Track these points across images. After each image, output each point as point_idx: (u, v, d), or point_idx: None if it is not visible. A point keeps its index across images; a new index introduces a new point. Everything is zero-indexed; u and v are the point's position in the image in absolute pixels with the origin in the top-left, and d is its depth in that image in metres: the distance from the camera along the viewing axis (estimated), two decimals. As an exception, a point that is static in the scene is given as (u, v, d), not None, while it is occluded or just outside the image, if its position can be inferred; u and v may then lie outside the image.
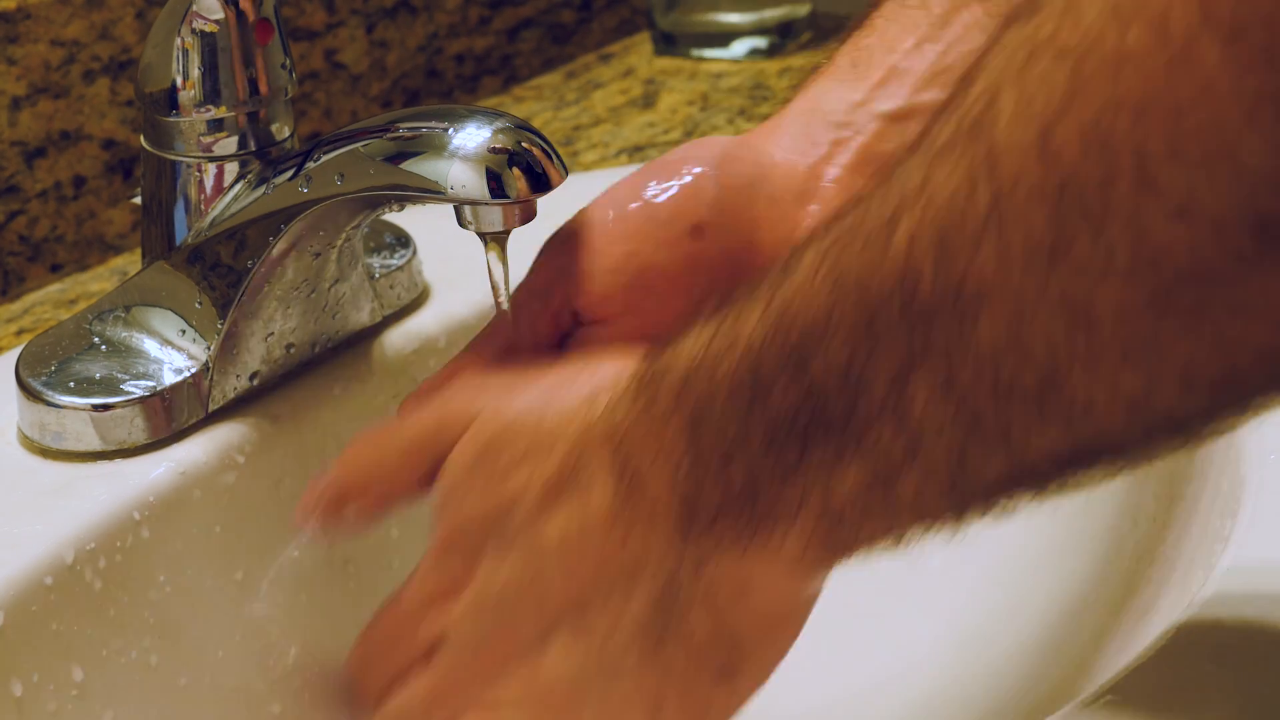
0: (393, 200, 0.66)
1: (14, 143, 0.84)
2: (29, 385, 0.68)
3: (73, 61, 0.85)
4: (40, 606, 0.63)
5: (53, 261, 0.86)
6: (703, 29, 1.08)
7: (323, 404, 0.72)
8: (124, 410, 0.67)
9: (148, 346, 0.70)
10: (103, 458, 0.67)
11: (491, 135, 0.62)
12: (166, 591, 0.67)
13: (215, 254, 0.68)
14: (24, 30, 0.84)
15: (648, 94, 1.03)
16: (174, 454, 0.68)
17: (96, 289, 0.84)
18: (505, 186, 0.62)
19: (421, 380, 0.74)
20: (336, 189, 0.65)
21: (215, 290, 0.68)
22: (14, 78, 0.84)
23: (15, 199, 0.85)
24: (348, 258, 0.72)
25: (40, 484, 0.67)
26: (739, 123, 0.98)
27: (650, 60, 1.08)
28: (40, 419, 0.68)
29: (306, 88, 0.95)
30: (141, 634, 0.66)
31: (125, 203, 0.88)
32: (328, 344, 0.73)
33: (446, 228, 0.65)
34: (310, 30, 0.95)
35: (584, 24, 1.09)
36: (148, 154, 0.70)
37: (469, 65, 1.03)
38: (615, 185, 0.63)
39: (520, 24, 1.06)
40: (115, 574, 0.65)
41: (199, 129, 0.68)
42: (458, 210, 0.63)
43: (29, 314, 0.83)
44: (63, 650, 0.63)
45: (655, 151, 0.95)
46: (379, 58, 0.98)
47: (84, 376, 0.68)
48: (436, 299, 0.77)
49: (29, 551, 0.63)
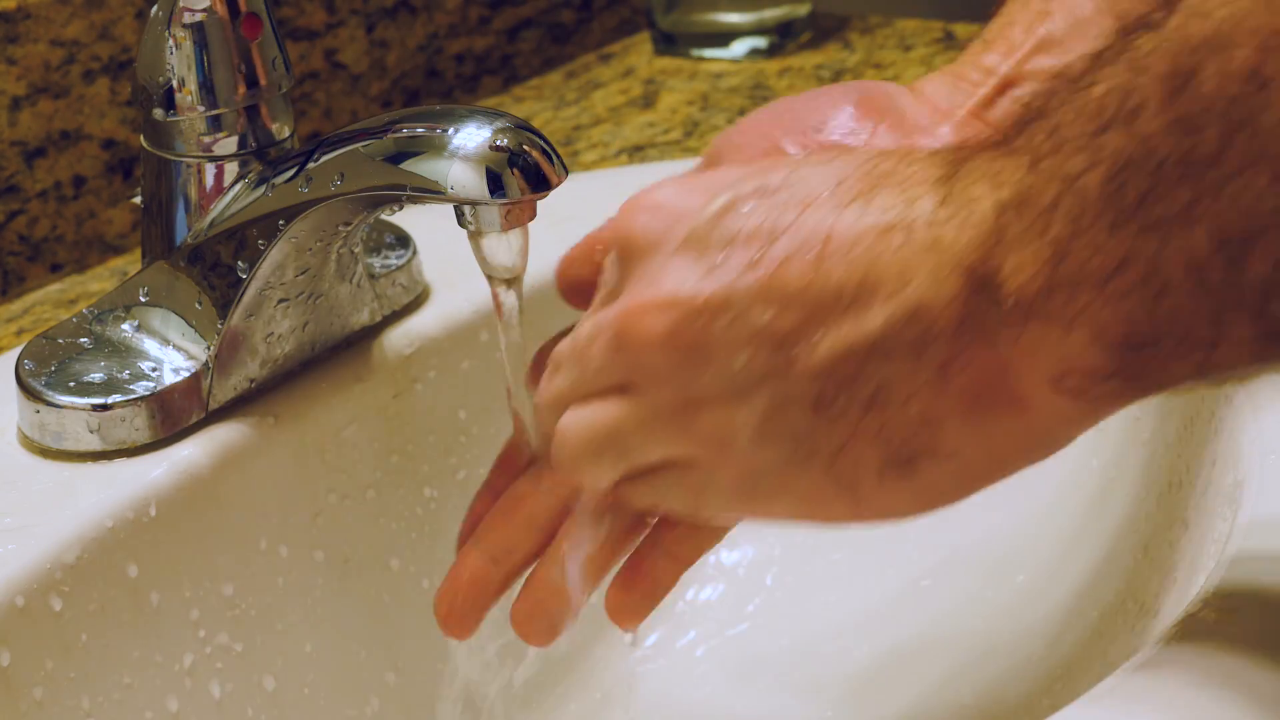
0: (393, 200, 0.66)
1: (14, 143, 0.84)
2: (29, 385, 0.68)
3: (73, 61, 0.85)
4: (40, 606, 0.63)
5: (53, 261, 0.86)
6: (703, 29, 1.08)
7: (323, 404, 0.72)
8: (124, 410, 0.67)
9: (148, 346, 0.70)
10: (103, 458, 0.67)
11: (491, 135, 0.62)
12: (166, 591, 0.67)
13: (215, 254, 0.68)
14: (24, 30, 0.84)
15: (648, 94, 1.03)
16: (174, 454, 0.68)
17: (96, 289, 0.84)
18: (505, 186, 0.62)
19: (421, 381, 0.74)
20: (336, 189, 0.65)
21: (215, 290, 0.68)
22: (14, 78, 0.84)
23: (15, 199, 0.85)
24: (348, 258, 0.72)
25: (40, 484, 0.67)
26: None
27: (650, 60, 1.08)
28: (40, 419, 0.68)
29: (306, 88, 0.95)
30: (141, 634, 0.66)
31: (125, 203, 0.88)
32: (327, 344, 0.73)
33: (446, 228, 0.65)
34: (310, 30, 0.95)
35: (584, 24, 1.09)
36: (147, 154, 0.70)
37: (469, 65, 1.03)
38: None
39: (520, 24, 1.06)
40: (115, 574, 0.65)
41: (198, 129, 0.68)
42: (458, 210, 0.63)
43: (29, 314, 0.83)
44: (63, 649, 0.63)
45: (655, 151, 0.95)
46: (379, 58, 0.98)
47: (84, 376, 0.68)
48: (436, 299, 0.77)
49: (29, 552, 0.63)
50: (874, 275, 0.51)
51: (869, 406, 0.52)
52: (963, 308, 0.50)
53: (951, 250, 0.50)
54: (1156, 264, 0.47)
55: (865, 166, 0.53)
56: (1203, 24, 0.46)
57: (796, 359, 0.52)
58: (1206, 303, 0.47)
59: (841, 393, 0.52)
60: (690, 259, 0.54)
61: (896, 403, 0.51)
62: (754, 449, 0.53)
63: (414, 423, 0.75)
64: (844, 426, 0.52)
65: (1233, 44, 0.45)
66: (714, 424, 0.54)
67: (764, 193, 0.54)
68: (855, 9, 1.13)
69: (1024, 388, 0.50)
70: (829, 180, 0.53)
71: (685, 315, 0.53)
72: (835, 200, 0.52)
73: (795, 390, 0.52)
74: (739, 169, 0.56)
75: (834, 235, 0.52)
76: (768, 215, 0.53)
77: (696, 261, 0.54)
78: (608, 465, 0.57)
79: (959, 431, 0.52)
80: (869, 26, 1.10)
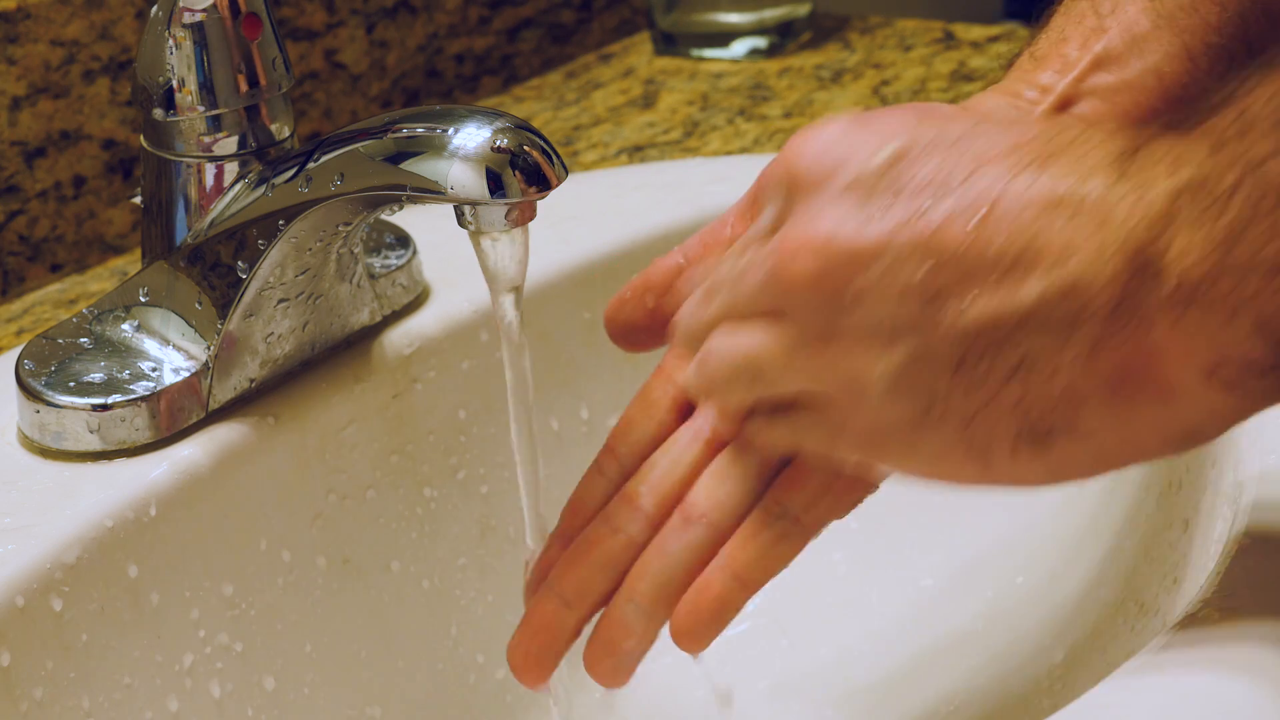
0: (393, 200, 0.66)
1: (14, 143, 0.84)
2: (29, 385, 0.68)
3: (73, 61, 0.85)
4: (41, 606, 0.63)
5: (53, 261, 0.86)
6: (703, 29, 1.08)
7: (323, 404, 0.72)
8: (124, 410, 0.67)
9: (148, 346, 0.70)
10: (103, 458, 0.67)
11: (491, 135, 0.62)
12: (166, 592, 0.67)
13: (215, 254, 0.68)
14: (24, 30, 0.84)
15: (648, 94, 1.03)
16: (174, 454, 0.68)
17: (96, 289, 0.84)
18: (505, 186, 0.62)
19: (421, 381, 0.74)
20: (336, 189, 0.65)
21: (215, 290, 0.68)
22: (14, 78, 0.84)
23: (15, 199, 0.85)
24: (347, 258, 0.72)
25: (40, 484, 0.67)
26: (739, 123, 0.98)
27: (650, 60, 1.08)
28: (40, 419, 0.68)
29: (306, 88, 0.95)
30: (141, 634, 0.66)
31: (125, 203, 0.88)
32: (327, 344, 0.73)
33: (446, 228, 0.65)
34: (310, 30, 0.95)
35: (584, 24, 1.09)
36: (147, 154, 0.70)
37: (469, 65, 1.03)
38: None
39: (520, 24, 1.06)
40: (115, 574, 0.65)
41: (198, 129, 0.68)
42: (458, 210, 0.63)
43: (29, 314, 0.83)
44: (63, 649, 0.63)
45: (655, 151, 0.95)
46: (379, 58, 0.98)
47: (84, 376, 0.68)
48: (436, 299, 0.77)
49: (29, 552, 0.63)
50: (1036, 246, 0.51)
51: (1010, 377, 0.51)
52: (1122, 288, 0.50)
53: (1119, 229, 0.50)
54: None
55: (1046, 134, 0.52)
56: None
57: (943, 319, 0.52)
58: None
59: (984, 359, 0.51)
60: (853, 203, 0.53)
61: (1040, 377, 0.51)
62: (887, 400, 0.53)
63: (414, 423, 0.75)
64: (983, 393, 0.52)
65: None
66: (852, 369, 0.54)
67: (937, 146, 0.53)
68: (855, 9, 1.13)
69: (1175, 375, 0.50)
70: (1005, 143, 0.52)
71: (838, 258, 0.53)
72: (1009, 164, 0.52)
73: (938, 350, 0.52)
74: (914, 114, 0.55)
75: (1002, 200, 0.51)
76: (938, 170, 0.53)
77: (859, 206, 0.53)
78: (744, 389, 0.57)
79: (1100, 412, 0.51)
80: (869, 26, 1.10)
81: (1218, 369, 0.49)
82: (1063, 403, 0.51)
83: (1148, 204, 0.49)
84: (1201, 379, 0.50)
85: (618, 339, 0.66)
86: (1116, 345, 0.50)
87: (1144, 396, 0.51)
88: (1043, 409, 0.51)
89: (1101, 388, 0.51)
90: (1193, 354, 0.49)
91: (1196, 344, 0.49)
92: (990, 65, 1.02)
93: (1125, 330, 0.50)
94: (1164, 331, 0.50)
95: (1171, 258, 0.49)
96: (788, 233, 0.55)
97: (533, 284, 0.67)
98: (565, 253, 0.81)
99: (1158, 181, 0.50)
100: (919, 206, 0.52)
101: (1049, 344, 0.51)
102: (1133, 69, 0.65)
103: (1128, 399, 0.51)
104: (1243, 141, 0.48)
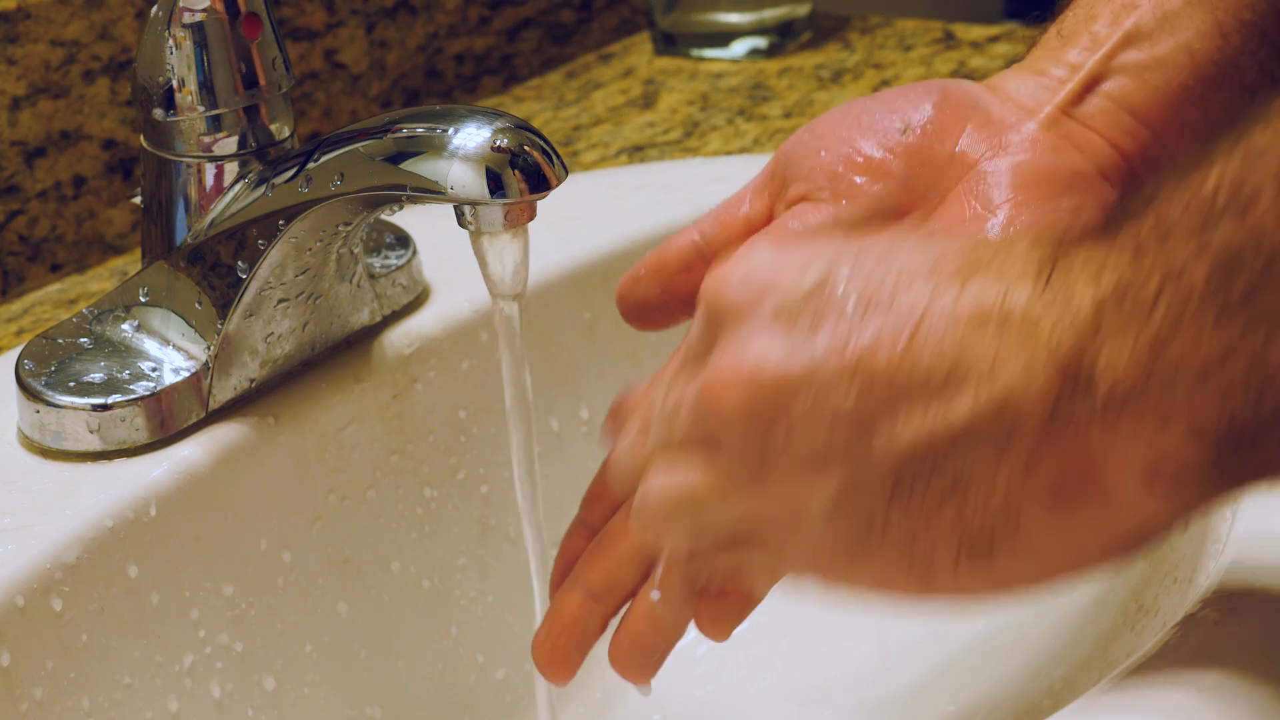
0: (393, 200, 0.66)
1: (14, 143, 0.84)
2: (29, 385, 0.68)
3: (73, 61, 0.85)
4: (40, 606, 0.63)
5: (53, 261, 0.86)
6: (703, 29, 1.08)
7: (323, 404, 0.72)
8: (124, 410, 0.67)
9: (148, 346, 0.70)
10: (103, 458, 0.67)
11: (491, 135, 0.62)
12: (166, 592, 0.67)
13: (215, 254, 0.68)
14: (24, 30, 0.84)
15: (648, 94, 1.03)
16: (174, 454, 0.68)
17: (96, 289, 0.84)
18: (505, 186, 0.62)
19: (421, 381, 0.74)
20: (336, 189, 0.65)
21: (215, 290, 0.68)
22: (14, 78, 0.84)
23: (15, 199, 0.85)
24: (347, 258, 0.72)
25: (40, 484, 0.67)
26: (739, 123, 0.98)
27: (650, 60, 1.08)
28: (40, 419, 0.68)
29: (306, 88, 0.95)
30: (141, 634, 0.66)
31: (125, 203, 0.88)
32: (327, 344, 0.73)
33: (446, 228, 0.65)
34: (310, 30, 0.95)
35: (584, 24, 1.09)
36: (147, 154, 0.70)
37: (469, 65, 1.03)
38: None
39: (520, 24, 1.06)
40: (115, 574, 0.65)
41: (198, 129, 0.68)
42: (458, 210, 0.63)
43: (29, 314, 0.83)
44: (63, 649, 0.63)
45: (655, 151, 0.95)
46: (379, 58, 0.98)
47: (84, 376, 0.68)
48: (436, 299, 0.77)
49: (29, 552, 0.63)
50: (964, 363, 0.50)
51: (948, 494, 0.51)
52: (1054, 400, 0.49)
53: (1048, 341, 0.49)
54: (1262, 357, 0.46)
55: (965, 249, 0.52)
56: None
57: (876, 443, 0.51)
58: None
59: (920, 479, 0.51)
60: (778, 332, 0.53)
61: (978, 492, 0.50)
62: (827, 526, 0.52)
63: (414, 423, 0.75)
64: (921, 513, 0.51)
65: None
66: (789, 496, 0.53)
67: (859, 269, 0.52)
68: (855, 9, 1.13)
69: (1113, 482, 0.49)
70: (929, 258, 0.52)
71: (767, 389, 0.52)
72: (931, 282, 0.51)
73: (873, 474, 0.51)
74: (835, 239, 0.54)
75: (926, 319, 0.51)
76: (860, 293, 0.52)
77: (784, 336, 0.52)
78: (686, 529, 0.56)
79: (1041, 524, 0.50)
80: (869, 26, 1.10)
81: (1156, 473, 0.49)
82: (1002, 516, 0.50)
83: (1074, 314, 0.49)
84: (1141, 484, 0.49)
85: (630, 317, 0.65)
86: (1052, 457, 0.49)
87: (1084, 505, 0.50)
88: (982, 523, 0.50)
89: (1040, 499, 0.50)
90: (1130, 461, 0.49)
91: (1132, 450, 0.48)
92: (990, 65, 1.02)
93: (1060, 441, 0.49)
94: (1099, 440, 0.49)
95: (1101, 367, 0.48)
96: (715, 364, 0.54)
97: (533, 284, 0.67)
98: (565, 253, 0.81)
99: (1083, 291, 0.49)
100: (844, 332, 0.51)
101: (984, 460, 0.50)
102: (1164, 46, 0.64)
103: (1067, 509, 0.50)
104: (1163, 248, 0.48)
